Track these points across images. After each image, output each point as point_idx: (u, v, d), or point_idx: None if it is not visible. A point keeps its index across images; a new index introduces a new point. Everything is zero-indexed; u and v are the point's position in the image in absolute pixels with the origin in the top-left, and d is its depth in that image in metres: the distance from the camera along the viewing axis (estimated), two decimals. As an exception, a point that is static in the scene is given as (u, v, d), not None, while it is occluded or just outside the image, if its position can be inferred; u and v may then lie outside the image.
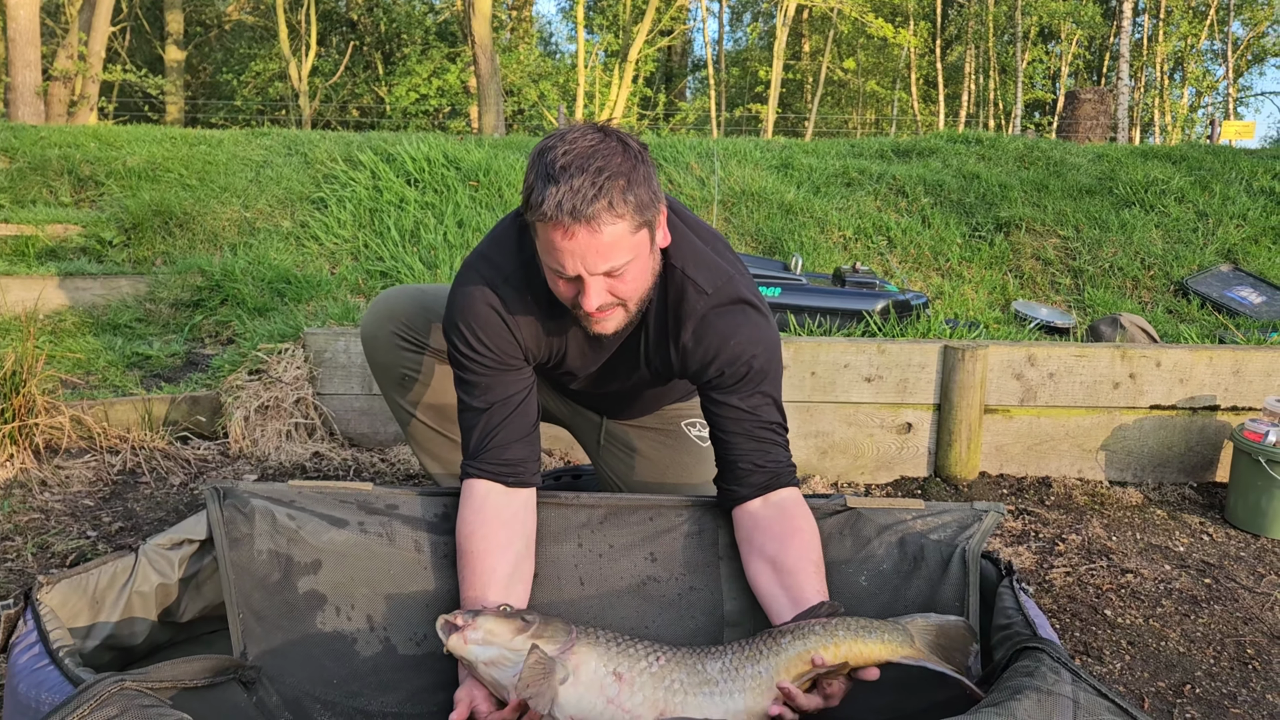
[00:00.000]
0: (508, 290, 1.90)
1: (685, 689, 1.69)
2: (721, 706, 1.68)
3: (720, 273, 1.93)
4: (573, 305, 1.78)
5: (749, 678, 1.70)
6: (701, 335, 1.90)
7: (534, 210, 1.65)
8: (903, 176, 5.48)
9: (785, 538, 1.88)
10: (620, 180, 1.64)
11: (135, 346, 3.89)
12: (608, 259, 1.67)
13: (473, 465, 1.92)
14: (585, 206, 1.61)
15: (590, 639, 1.70)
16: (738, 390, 1.92)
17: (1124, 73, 21.31)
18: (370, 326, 2.38)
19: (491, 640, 1.64)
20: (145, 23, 27.73)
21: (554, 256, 1.68)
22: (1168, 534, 3.07)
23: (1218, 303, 4.41)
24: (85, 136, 6.55)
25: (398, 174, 5.36)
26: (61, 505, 2.82)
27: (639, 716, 1.67)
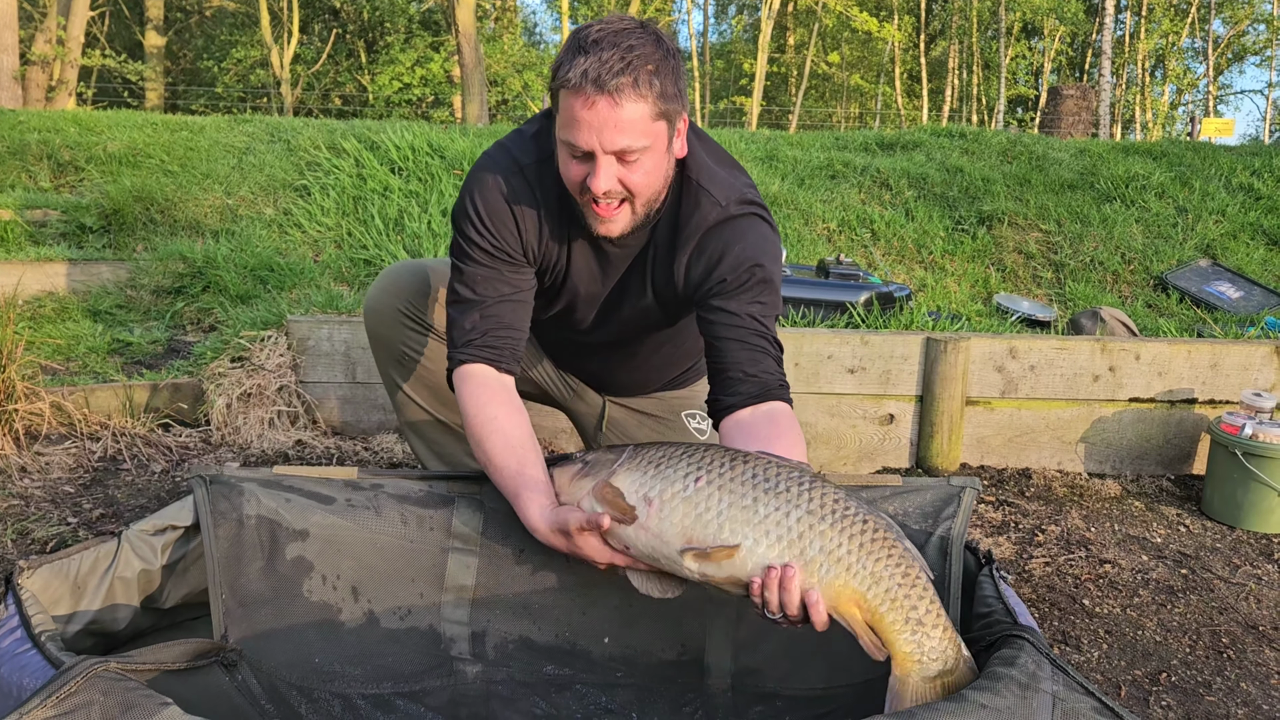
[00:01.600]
0: (518, 180, 1.92)
1: (719, 515, 1.57)
2: (738, 566, 1.54)
3: (734, 187, 1.95)
4: (580, 192, 1.79)
5: (796, 537, 1.53)
6: (710, 241, 1.92)
7: (559, 79, 1.68)
8: (887, 169, 5.50)
9: (772, 438, 1.81)
10: (649, 65, 1.66)
11: (116, 333, 3.86)
12: (623, 136, 1.67)
13: (464, 352, 1.94)
14: (609, 79, 1.63)
15: (633, 462, 1.68)
16: (738, 295, 1.91)
17: (1106, 69, 21.46)
18: (375, 300, 2.36)
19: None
20: (125, 7, 27.46)
21: (571, 129, 1.69)
22: (1145, 525, 3.11)
23: (1196, 297, 4.46)
24: (65, 121, 6.49)
25: (382, 162, 5.33)
26: (42, 491, 2.80)
27: (668, 542, 1.59)
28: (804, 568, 1.50)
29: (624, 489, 1.66)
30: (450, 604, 2.00)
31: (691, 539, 1.58)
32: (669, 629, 2.01)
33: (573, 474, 1.73)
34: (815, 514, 1.53)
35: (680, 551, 1.58)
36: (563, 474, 1.75)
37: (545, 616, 2.01)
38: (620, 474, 1.68)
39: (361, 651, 1.91)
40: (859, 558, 1.50)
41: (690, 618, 2.02)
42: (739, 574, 1.54)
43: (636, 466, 1.68)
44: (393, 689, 1.88)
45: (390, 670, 1.90)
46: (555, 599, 2.02)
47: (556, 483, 1.74)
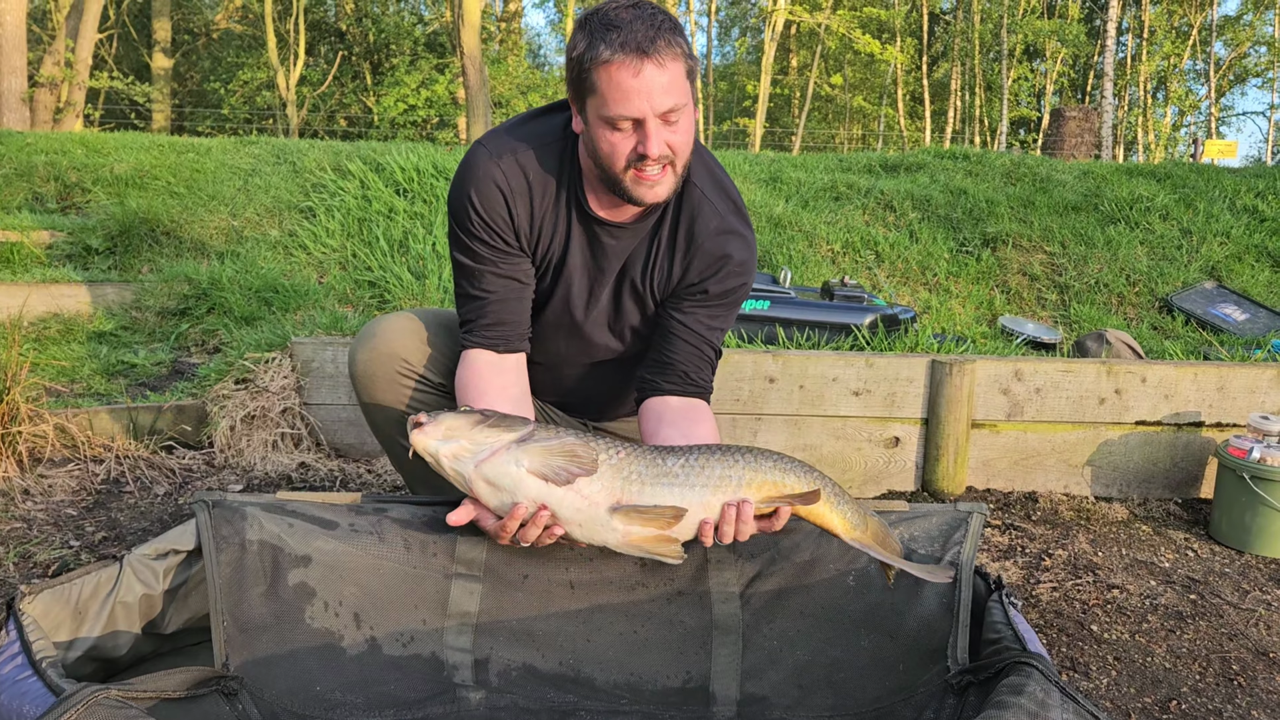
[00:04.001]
0: (511, 167, 1.96)
1: (643, 480, 1.76)
2: (678, 496, 1.77)
3: (731, 201, 2.07)
4: (627, 166, 1.83)
5: (712, 478, 1.79)
6: (710, 251, 2.02)
7: (593, 59, 1.74)
8: (891, 191, 5.51)
9: (695, 423, 2.04)
10: (668, 24, 1.76)
11: (121, 355, 3.86)
12: (669, 96, 1.75)
13: (467, 338, 2.03)
14: (649, 43, 1.71)
15: (548, 431, 1.77)
16: (708, 307, 2.06)
17: (1108, 91, 21.53)
18: (368, 365, 2.20)
19: (452, 434, 1.72)
20: (133, 30, 27.68)
21: (618, 102, 1.74)
22: (1153, 550, 3.09)
23: (1202, 319, 4.44)
24: (72, 143, 6.51)
25: (387, 183, 5.35)
26: (44, 514, 2.80)
27: (597, 503, 1.75)
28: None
29: (550, 447, 1.75)
30: (453, 630, 1.99)
31: (620, 499, 1.75)
32: (674, 656, 1.99)
33: (474, 421, 1.74)
34: (718, 457, 1.79)
35: (610, 510, 1.75)
36: (461, 419, 1.73)
37: (549, 643, 2.00)
38: (541, 432, 1.75)
39: (363, 679, 1.89)
40: (765, 473, 1.80)
41: (695, 646, 2.00)
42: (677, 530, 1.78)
43: (556, 434, 1.76)
44: (394, 717, 1.86)
45: (392, 698, 1.88)
46: (559, 625, 2.00)
47: (451, 424, 1.71)
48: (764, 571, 2.07)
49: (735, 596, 2.04)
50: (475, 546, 2.06)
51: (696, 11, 30.77)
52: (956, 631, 1.95)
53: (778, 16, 25.44)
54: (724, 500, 1.77)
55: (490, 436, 1.72)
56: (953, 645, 1.96)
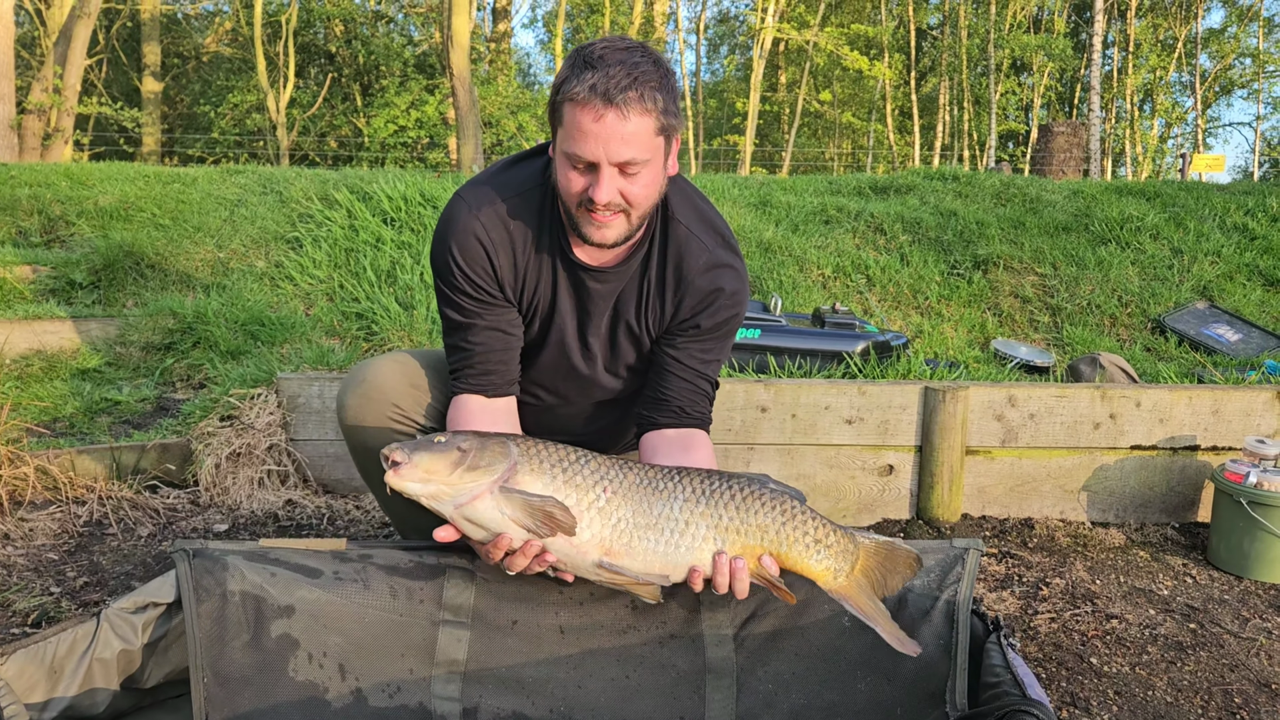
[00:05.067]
0: (493, 219, 1.96)
1: (633, 530, 1.74)
2: (665, 559, 1.76)
3: (718, 234, 2.07)
4: (579, 204, 1.84)
5: (700, 535, 1.77)
6: (700, 286, 2.02)
7: (564, 93, 1.75)
8: (881, 214, 5.50)
9: (689, 449, 2.05)
10: (653, 81, 1.75)
11: (104, 392, 3.81)
12: (628, 149, 1.75)
13: (457, 384, 2.05)
14: (617, 93, 1.71)
15: (532, 463, 1.72)
16: (701, 341, 2.07)
17: (1095, 104, 21.65)
18: (358, 411, 2.15)
19: (430, 477, 1.67)
20: (122, 54, 27.71)
21: (576, 141, 1.75)
22: (1151, 576, 3.05)
23: (1195, 340, 4.43)
24: (56, 175, 6.48)
25: (374, 213, 5.32)
26: (25, 559, 2.74)
27: (584, 553, 1.73)
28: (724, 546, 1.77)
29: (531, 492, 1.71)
30: (441, 679, 1.96)
31: (609, 550, 1.73)
32: (667, 702, 1.96)
33: (452, 462, 1.68)
34: (695, 499, 1.77)
35: (595, 563, 1.74)
36: (438, 459, 1.68)
37: (539, 690, 1.96)
38: (524, 476, 1.71)
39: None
40: (746, 523, 1.77)
41: (689, 690, 1.97)
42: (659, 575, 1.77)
43: (540, 469, 1.73)
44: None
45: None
46: (550, 672, 1.97)
47: (428, 466, 1.66)
48: (758, 613, 2.04)
49: (729, 639, 2.02)
50: (463, 592, 2.02)
51: (685, 30, 30.93)
52: (955, 674, 1.93)
53: (766, 34, 25.56)
54: (714, 550, 1.75)
55: (469, 481, 1.67)
56: (951, 689, 1.93)
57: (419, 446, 1.69)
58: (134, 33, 27.36)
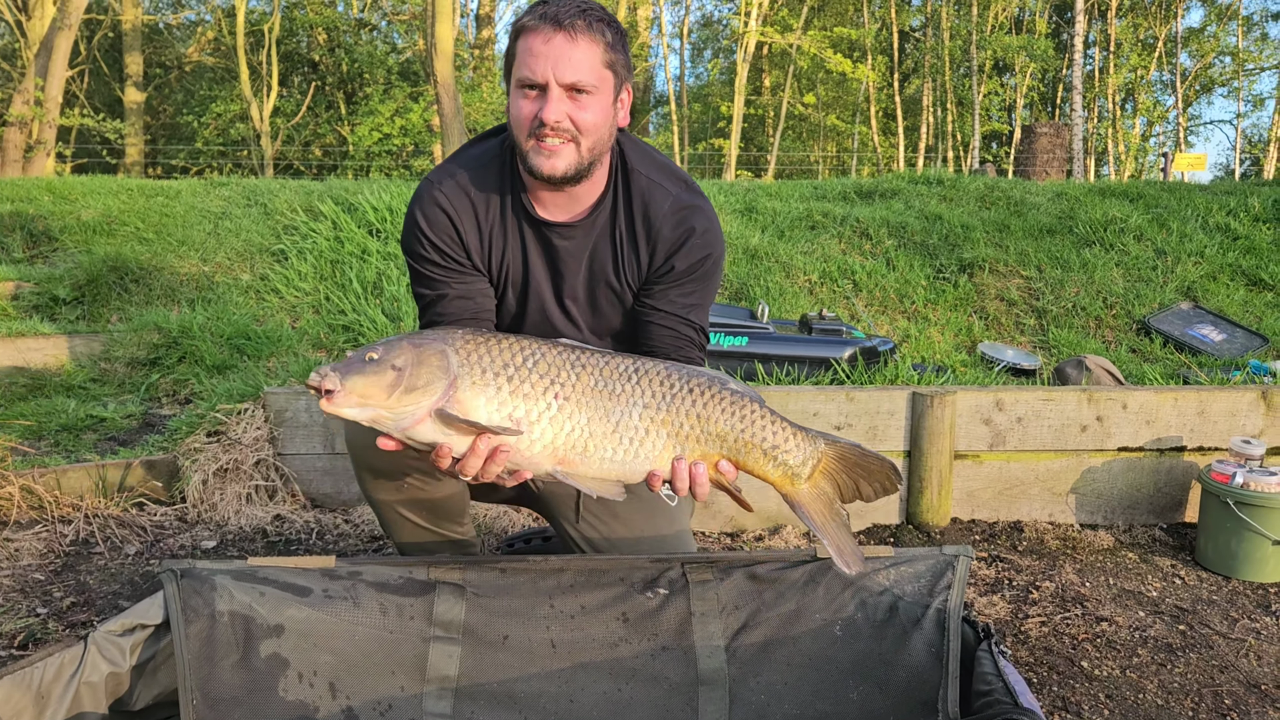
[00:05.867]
0: (453, 188, 2.01)
1: (588, 438, 1.68)
2: (623, 466, 1.71)
3: (679, 179, 2.10)
4: (529, 133, 1.87)
5: (660, 445, 1.71)
6: (670, 228, 2.04)
7: (517, 25, 1.85)
8: (866, 219, 5.50)
9: None
10: (602, 18, 1.86)
11: (90, 408, 3.78)
12: (575, 71, 1.81)
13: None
14: (566, 18, 1.81)
15: (473, 374, 1.64)
16: (681, 284, 2.05)
17: (1077, 104, 21.77)
18: (370, 433, 2.12)
19: (366, 401, 1.59)
20: (104, 65, 27.56)
21: (527, 64, 1.82)
22: (1140, 578, 3.07)
23: (1180, 341, 4.45)
24: (39, 190, 6.42)
25: (359, 224, 5.29)
26: (10, 580, 2.72)
27: (538, 464, 1.68)
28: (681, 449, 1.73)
29: (479, 410, 1.62)
30: (433, 695, 1.95)
31: (563, 460, 1.68)
32: (659, 714, 1.96)
33: (388, 384, 1.58)
34: (655, 405, 1.71)
35: (550, 471, 1.68)
36: (372, 383, 1.58)
37: (531, 705, 1.96)
38: (465, 392, 1.62)
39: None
40: (706, 431, 1.72)
41: (681, 702, 1.97)
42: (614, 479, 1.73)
43: (482, 380, 1.64)
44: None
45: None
46: (541, 686, 1.97)
47: (363, 391, 1.58)
48: (749, 623, 2.05)
49: (721, 650, 2.02)
50: (453, 607, 2.02)
51: (669, 35, 30.96)
52: (946, 683, 1.93)
53: (749, 38, 25.61)
54: (673, 456, 1.73)
55: (408, 403, 1.59)
56: (943, 698, 1.94)
57: (351, 369, 1.59)
58: (115, 43, 27.21)
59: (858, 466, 1.80)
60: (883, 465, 1.80)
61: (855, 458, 1.79)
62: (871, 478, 1.81)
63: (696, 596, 2.07)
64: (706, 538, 3.36)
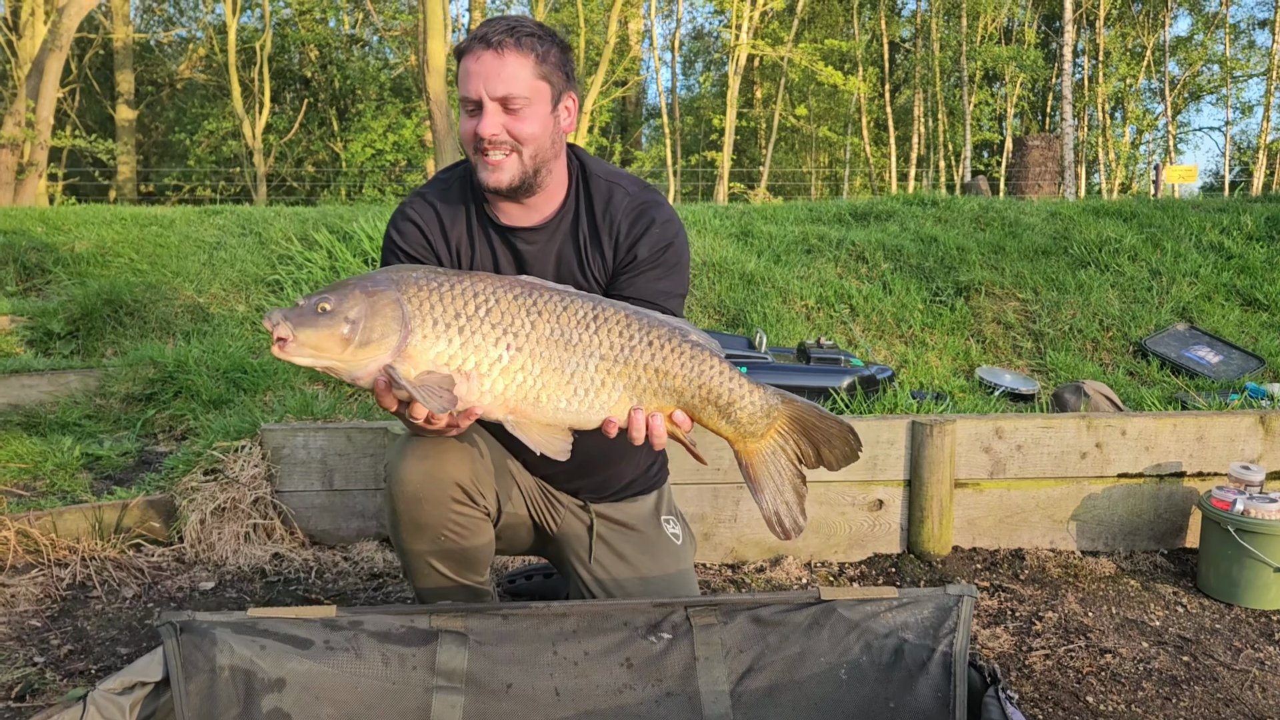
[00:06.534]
0: (420, 204, 2.17)
1: (541, 388, 1.69)
2: (578, 416, 1.73)
3: (636, 181, 2.23)
4: (474, 148, 2.00)
5: (616, 397, 1.73)
6: (629, 221, 2.13)
7: (457, 51, 1.99)
8: (862, 242, 5.51)
9: None
10: (533, 34, 1.98)
11: (85, 446, 3.75)
12: (504, 84, 1.93)
13: None
14: (494, 36, 1.94)
15: (425, 325, 1.64)
16: (647, 271, 2.11)
17: (1067, 113, 21.87)
18: (421, 487, 2.06)
19: (320, 353, 1.61)
20: (95, 83, 27.53)
21: (463, 85, 1.97)
22: (1143, 607, 3.06)
23: (1176, 364, 4.45)
24: (31, 220, 6.40)
25: (354, 253, 5.28)
26: (6, 628, 2.70)
27: (490, 413, 1.70)
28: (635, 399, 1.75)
29: (430, 362, 1.64)
30: (436, 749, 1.93)
31: (515, 409, 1.70)
32: (665, 766, 1.94)
33: (340, 338, 1.59)
34: (612, 357, 1.72)
35: (503, 418, 1.71)
36: (325, 336, 1.58)
37: (536, 758, 1.95)
38: (417, 344, 1.64)
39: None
40: (664, 385, 1.74)
41: (687, 753, 1.95)
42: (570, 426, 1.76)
43: (435, 331, 1.65)
44: None
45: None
46: (546, 737, 1.96)
47: (315, 343, 1.59)
48: (754, 667, 2.04)
49: (725, 695, 2.02)
50: (456, 656, 2.01)
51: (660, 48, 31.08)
52: (953, 729, 1.92)
53: (741, 51, 25.69)
54: (629, 407, 1.75)
55: (362, 357, 1.61)
56: (950, 746, 1.93)
57: (304, 320, 1.59)
58: (107, 60, 27.19)
59: (815, 428, 1.82)
60: (842, 428, 1.82)
61: (813, 418, 1.82)
62: (832, 443, 1.82)
63: (700, 641, 2.06)
64: (707, 569, 3.35)
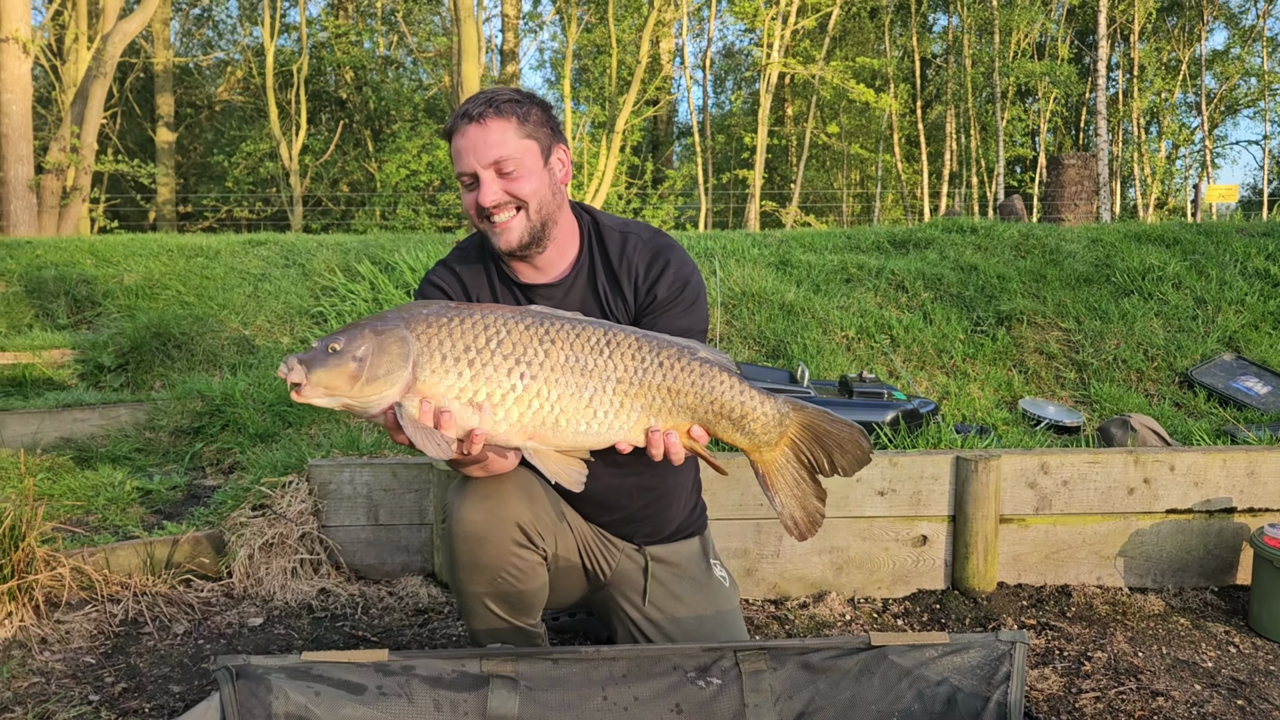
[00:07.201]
0: (443, 271, 2.27)
1: (559, 414, 1.73)
2: (597, 438, 1.77)
3: (649, 229, 2.30)
4: (480, 218, 2.08)
5: (634, 419, 1.78)
6: (646, 263, 2.21)
7: (446, 132, 2.09)
8: (901, 271, 5.48)
9: None
10: (510, 99, 2.07)
11: (136, 480, 3.82)
12: (493, 150, 2.01)
13: None
14: (475, 109, 2.03)
15: (433, 361, 1.68)
16: (667, 310, 2.18)
17: (1102, 129, 21.68)
18: (481, 528, 2.08)
19: (332, 392, 1.66)
20: (136, 106, 28.05)
21: (456, 163, 2.06)
22: (1194, 646, 3.01)
23: (1224, 395, 4.39)
24: (81, 252, 6.53)
25: (396, 284, 5.34)
26: (62, 665, 2.74)
27: (507, 439, 1.73)
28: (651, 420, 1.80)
29: (441, 395, 1.68)
30: (488, 796, 1.94)
31: (533, 435, 1.74)
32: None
33: (350, 375, 1.64)
34: (628, 380, 1.76)
35: (521, 444, 1.76)
36: (335, 375, 1.64)
37: (587, 805, 1.95)
38: (426, 378, 1.67)
39: None
40: (678, 403, 1.79)
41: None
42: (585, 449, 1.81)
43: (443, 366, 1.68)
44: None
45: None
46: (598, 785, 1.96)
47: (327, 383, 1.65)
48: (804, 713, 2.05)
49: (776, 743, 2.00)
50: (506, 701, 2.02)
51: (691, 66, 31.17)
52: (1010, 786, 1.90)
53: (772, 69, 25.71)
54: (646, 428, 1.80)
55: (372, 394, 1.66)
56: (1006, 802, 1.91)
57: (315, 361, 1.66)
58: (147, 84, 27.71)
59: (828, 434, 1.86)
60: (851, 431, 1.87)
61: (824, 423, 1.87)
62: (844, 447, 1.86)
63: (750, 687, 2.06)
64: (750, 605, 3.34)
